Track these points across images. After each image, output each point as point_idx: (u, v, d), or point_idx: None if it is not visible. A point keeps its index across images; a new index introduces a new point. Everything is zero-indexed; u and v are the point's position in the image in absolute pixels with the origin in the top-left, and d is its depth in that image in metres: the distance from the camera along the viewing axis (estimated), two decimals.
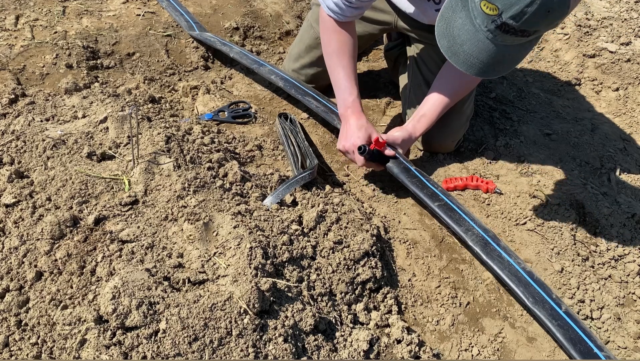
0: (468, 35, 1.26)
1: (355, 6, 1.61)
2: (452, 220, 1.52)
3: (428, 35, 1.87)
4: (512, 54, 1.27)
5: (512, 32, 1.19)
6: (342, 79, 1.71)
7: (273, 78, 2.01)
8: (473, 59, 1.28)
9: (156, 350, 1.00)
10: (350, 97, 1.69)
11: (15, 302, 1.10)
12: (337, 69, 1.72)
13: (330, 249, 1.37)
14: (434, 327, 1.39)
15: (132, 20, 2.38)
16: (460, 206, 1.57)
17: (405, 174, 1.65)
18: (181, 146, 1.52)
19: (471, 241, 1.46)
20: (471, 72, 1.31)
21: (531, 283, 1.38)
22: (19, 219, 1.26)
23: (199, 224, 1.24)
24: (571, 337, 1.27)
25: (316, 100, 1.91)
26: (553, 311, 1.32)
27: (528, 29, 1.18)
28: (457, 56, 1.30)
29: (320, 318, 1.19)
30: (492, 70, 1.31)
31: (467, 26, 1.26)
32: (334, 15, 1.65)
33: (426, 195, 1.59)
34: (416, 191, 1.60)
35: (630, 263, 1.58)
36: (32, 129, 1.54)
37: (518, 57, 1.32)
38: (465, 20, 1.26)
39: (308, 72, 2.08)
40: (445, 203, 1.57)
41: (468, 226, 1.51)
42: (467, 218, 1.52)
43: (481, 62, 1.28)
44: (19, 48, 2.08)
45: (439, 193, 1.60)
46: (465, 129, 1.91)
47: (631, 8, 2.69)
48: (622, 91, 2.33)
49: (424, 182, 1.63)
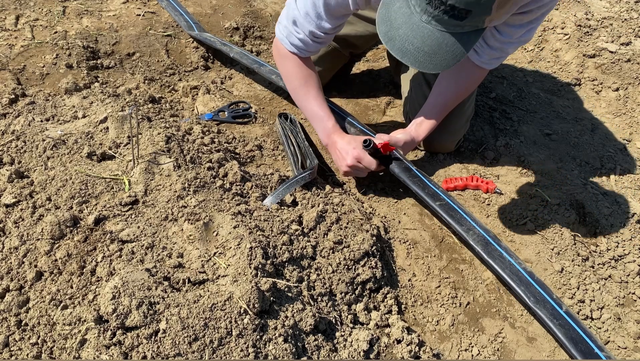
0: (404, 18, 1.22)
1: (320, 41, 1.61)
2: (454, 220, 1.52)
3: None
4: (448, 44, 1.22)
5: (445, 11, 1.15)
6: (316, 109, 1.70)
7: (274, 78, 2.01)
8: (408, 45, 1.23)
9: (156, 350, 1.00)
10: (330, 123, 1.69)
11: (16, 302, 1.10)
12: (308, 101, 1.71)
13: (330, 249, 1.37)
14: (434, 327, 1.39)
15: (132, 20, 2.39)
16: (461, 206, 1.57)
17: (407, 174, 1.65)
18: (181, 146, 1.52)
19: (472, 240, 1.47)
20: (406, 61, 1.26)
21: (532, 283, 1.38)
22: (19, 219, 1.26)
23: (199, 224, 1.24)
24: (572, 336, 1.27)
25: None
26: (554, 310, 1.32)
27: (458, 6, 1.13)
28: (393, 41, 1.25)
29: (320, 318, 1.19)
30: (428, 61, 1.25)
31: (403, 9, 1.22)
32: (297, 52, 1.64)
33: (427, 195, 1.59)
34: (418, 190, 1.60)
35: (630, 263, 1.58)
36: (32, 129, 1.54)
37: (456, 51, 1.24)
38: (402, 3, 1.23)
39: None
40: (446, 202, 1.57)
41: (469, 226, 1.51)
42: (468, 218, 1.53)
43: (416, 49, 1.23)
44: (19, 48, 2.08)
45: (440, 193, 1.60)
46: (465, 129, 1.91)
47: (631, 8, 2.69)
48: (622, 91, 2.33)
49: (425, 182, 1.63)
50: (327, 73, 2.10)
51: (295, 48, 1.63)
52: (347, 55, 2.11)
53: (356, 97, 2.20)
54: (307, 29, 1.56)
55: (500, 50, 1.56)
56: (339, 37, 1.81)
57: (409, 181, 1.63)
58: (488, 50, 1.56)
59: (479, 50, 1.57)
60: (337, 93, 2.20)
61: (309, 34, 1.57)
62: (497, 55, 1.58)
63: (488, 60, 1.60)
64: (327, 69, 2.09)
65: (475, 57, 1.59)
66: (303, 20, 1.55)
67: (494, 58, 1.60)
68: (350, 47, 2.05)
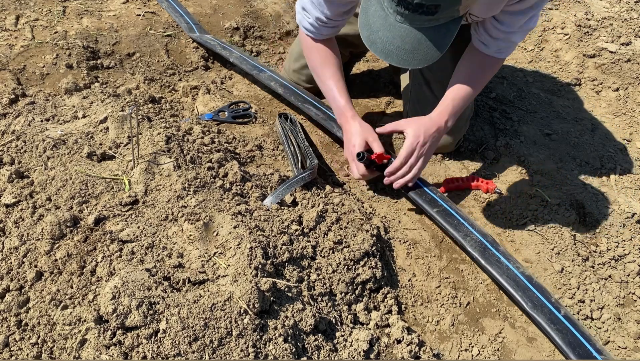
0: (381, 20, 1.26)
1: (329, 25, 1.65)
2: (451, 226, 1.53)
3: None
4: (427, 38, 1.25)
5: (414, 10, 1.18)
6: (331, 88, 1.73)
7: (273, 85, 2.02)
8: (389, 45, 1.27)
9: (156, 350, 1.00)
10: (341, 102, 1.70)
11: (16, 302, 1.10)
12: (325, 81, 1.75)
13: (330, 249, 1.37)
14: (434, 327, 1.39)
15: (132, 20, 2.39)
16: (459, 211, 1.57)
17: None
18: (181, 146, 1.52)
19: (470, 247, 1.48)
20: (391, 61, 1.30)
21: (530, 287, 1.38)
22: (19, 219, 1.26)
23: (199, 224, 1.24)
24: (570, 341, 1.27)
25: (316, 107, 1.91)
26: (552, 315, 1.32)
27: (425, 3, 1.16)
28: (375, 45, 1.29)
29: (320, 318, 1.19)
30: (412, 58, 1.28)
31: (378, 12, 1.26)
32: (311, 35, 1.70)
33: (425, 201, 1.60)
34: (415, 198, 1.62)
35: (630, 263, 1.58)
36: (32, 129, 1.54)
37: (437, 43, 1.27)
38: (377, 7, 1.27)
39: (309, 72, 2.08)
40: (443, 208, 1.58)
41: (467, 232, 1.51)
42: (466, 223, 1.53)
43: (397, 48, 1.26)
44: (19, 48, 2.08)
45: (437, 199, 1.61)
46: (465, 129, 1.91)
47: (631, 8, 2.69)
48: (622, 91, 2.33)
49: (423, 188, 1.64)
50: None
51: (308, 31, 1.70)
52: (347, 55, 2.11)
53: (356, 97, 2.20)
54: (313, 14, 1.63)
55: (507, 40, 1.53)
56: (339, 37, 1.82)
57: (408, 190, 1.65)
58: (493, 42, 1.53)
59: (485, 42, 1.55)
60: None
61: (316, 20, 1.64)
62: (504, 45, 1.55)
63: (497, 50, 1.57)
64: None
65: (484, 48, 1.57)
66: (310, 6, 1.63)
67: (503, 48, 1.57)
68: (350, 47, 2.05)
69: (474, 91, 1.63)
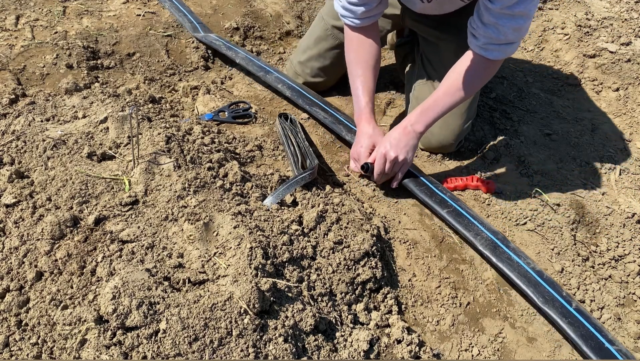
0: None
1: (360, 3, 1.63)
2: (462, 225, 1.56)
3: (433, 32, 1.87)
4: None
5: None
6: (357, 87, 1.77)
7: (280, 87, 2.02)
8: None
9: (156, 350, 1.00)
10: (363, 103, 1.75)
11: (16, 302, 1.10)
12: (354, 79, 1.78)
13: (330, 249, 1.37)
14: (434, 327, 1.39)
15: (132, 20, 2.39)
16: (469, 210, 1.60)
17: (414, 183, 1.69)
18: (181, 146, 1.52)
19: (481, 245, 1.50)
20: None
21: (541, 282, 1.40)
22: (19, 219, 1.26)
23: (199, 224, 1.24)
24: (582, 333, 1.29)
25: (324, 110, 1.92)
26: (563, 309, 1.35)
27: None
28: None
29: (320, 318, 1.19)
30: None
31: None
32: (349, 21, 1.70)
33: (436, 202, 1.63)
34: (425, 198, 1.65)
35: (630, 263, 1.58)
36: (32, 129, 1.54)
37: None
38: None
39: (314, 65, 2.08)
40: (454, 208, 1.61)
41: (477, 231, 1.55)
42: (476, 222, 1.57)
43: None
44: (19, 48, 2.08)
45: (447, 199, 1.64)
46: (467, 131, 1.89)
47: (631, 8, 2.69)
48: (622, 91, 2.33)
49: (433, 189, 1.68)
50: (332, 68, 2.10)
51: (344, 18, 1.71)
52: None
53: None
54: None
55: (495, 28, 1.48)
56: None
57: (416, 190, 1.68)
58: (483, 30, 1.50)
59: (475, 32, 1.54)
60: (337, 93, 2.20)
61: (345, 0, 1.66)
62: (493, 35, 1.50)
63: (485, 44, 1.54)
64: (335, 72, 2.09)
65: (474, 42, 1.56)
66: None
67: (492, 43, 1.52)
68: None
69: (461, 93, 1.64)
